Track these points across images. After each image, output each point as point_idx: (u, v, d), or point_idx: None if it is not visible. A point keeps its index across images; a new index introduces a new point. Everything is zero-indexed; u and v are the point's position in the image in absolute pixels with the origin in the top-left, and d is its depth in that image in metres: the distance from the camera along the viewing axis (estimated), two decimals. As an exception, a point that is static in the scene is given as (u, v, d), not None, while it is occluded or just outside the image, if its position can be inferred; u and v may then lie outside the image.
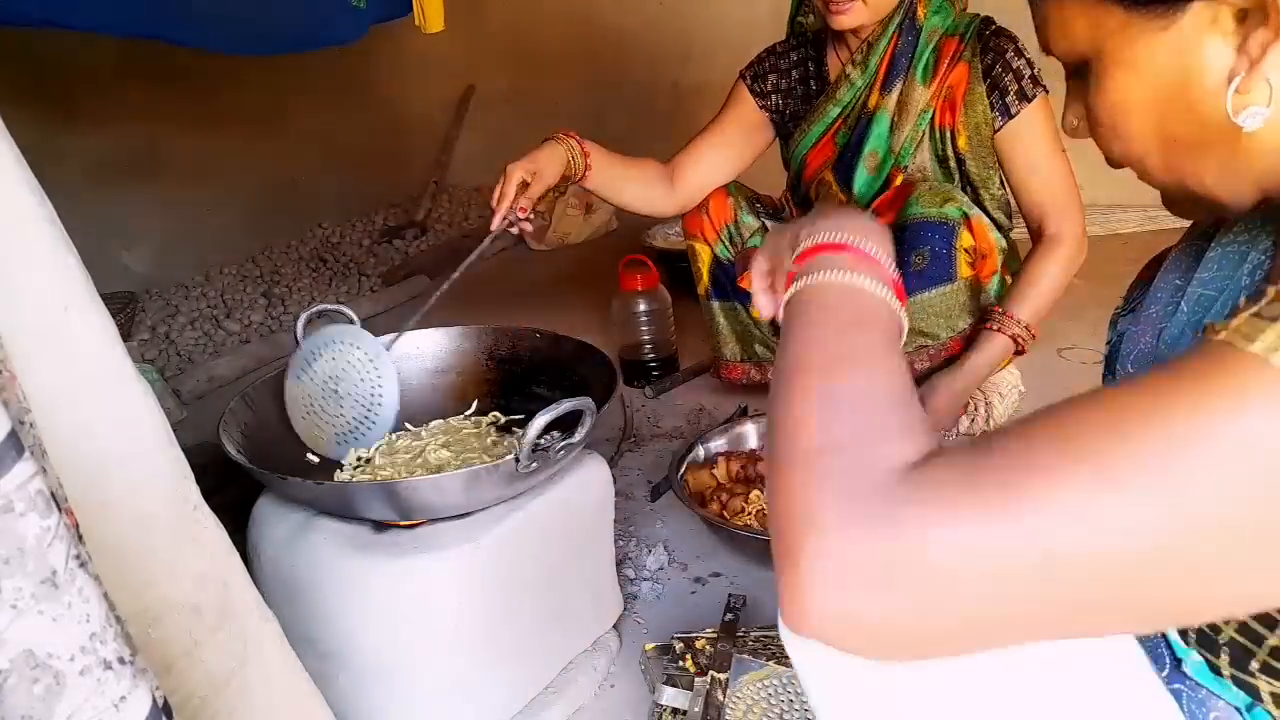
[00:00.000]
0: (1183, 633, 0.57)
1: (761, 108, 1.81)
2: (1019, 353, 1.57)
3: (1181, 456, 0.38)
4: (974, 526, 0.42)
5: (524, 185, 1.51)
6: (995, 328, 1.54)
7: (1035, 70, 1.57)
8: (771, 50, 1.82)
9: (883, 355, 0.54)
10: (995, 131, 1.59)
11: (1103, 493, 0.39)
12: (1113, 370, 0.97)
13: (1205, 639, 0.54)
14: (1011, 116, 1.57)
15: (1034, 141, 1.56)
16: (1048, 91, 1.58)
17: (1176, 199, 0.61)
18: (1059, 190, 1.56)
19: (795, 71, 1.79)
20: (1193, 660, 0.61)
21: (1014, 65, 1.56)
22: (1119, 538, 0.39)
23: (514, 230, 1.50)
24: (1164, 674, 0.62)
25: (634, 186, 1.72)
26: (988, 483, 0.43)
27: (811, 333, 0.57)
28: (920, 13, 1.63)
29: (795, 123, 1.78)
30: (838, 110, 1.71)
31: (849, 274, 0.58)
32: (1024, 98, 1.56)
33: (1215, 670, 0.55)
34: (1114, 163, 0.62)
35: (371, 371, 1.29)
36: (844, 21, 1.57)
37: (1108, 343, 0.98)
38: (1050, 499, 0.40)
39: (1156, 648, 0.63)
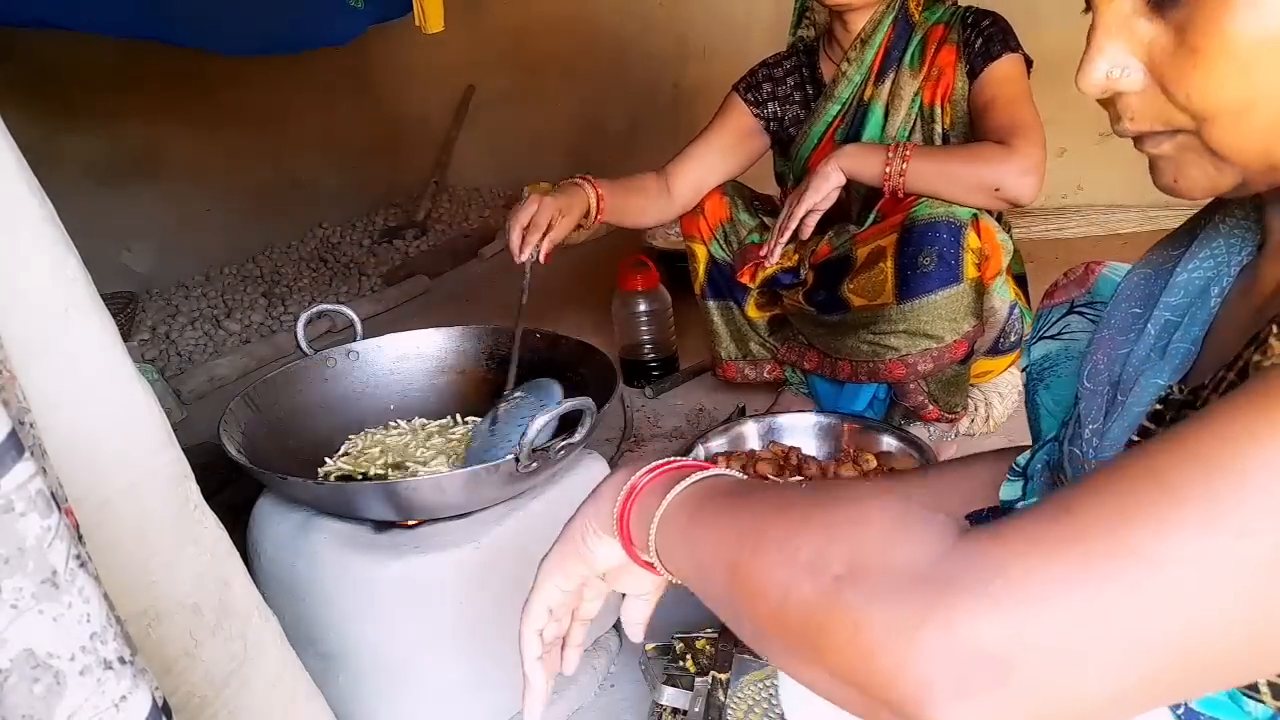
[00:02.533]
0: None
1: (756, 116, 1.83)
2: (892, 191, 1.55)
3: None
4: (1087, 593, 0.39)
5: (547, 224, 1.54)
6: (890, 148, 1.54)
7: (1009, 36, 1.58)
8: (764, 63, 1.85)
9: (793, 498, 0.51)
10: (969, 95, 1.61)
11: (1211, 526, 0.38)
12: (1033, 394, 0.97)
13: None
14: (979, 73, 1.58)
15: (1002, 86, 1.56)
16: (1023, 55, 1.59)
17: (1211, 168, 0.55)
18: (1023, 124, 1.50)
19: (790, 79, 1.82)
20: None
21: (986, 31, 1.59)
22: (1236, 570, 0.38)
23: (533, 267, 1.52)
24: (1180, 711, 0.62)
25: (636, 211, 1.77)
26: (1088, 545, 0.40)
27: (710, 522, 0.54)
28: (914, 10, 1.65)
29: (796, 127, 1.81)
30: (837, 108, 1.73)
31: (680, 483, 0.57)
32: (989, 56, 1.57)
33: (1253, 683, 0.54)
34: (1150, 121, 0.55)
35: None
36: None
37: (1022, 369, 0.99)
38: (1153, 540, 0.38)
39: None
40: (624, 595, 0.70)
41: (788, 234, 1.66)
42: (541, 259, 1.53)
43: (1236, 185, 0.55)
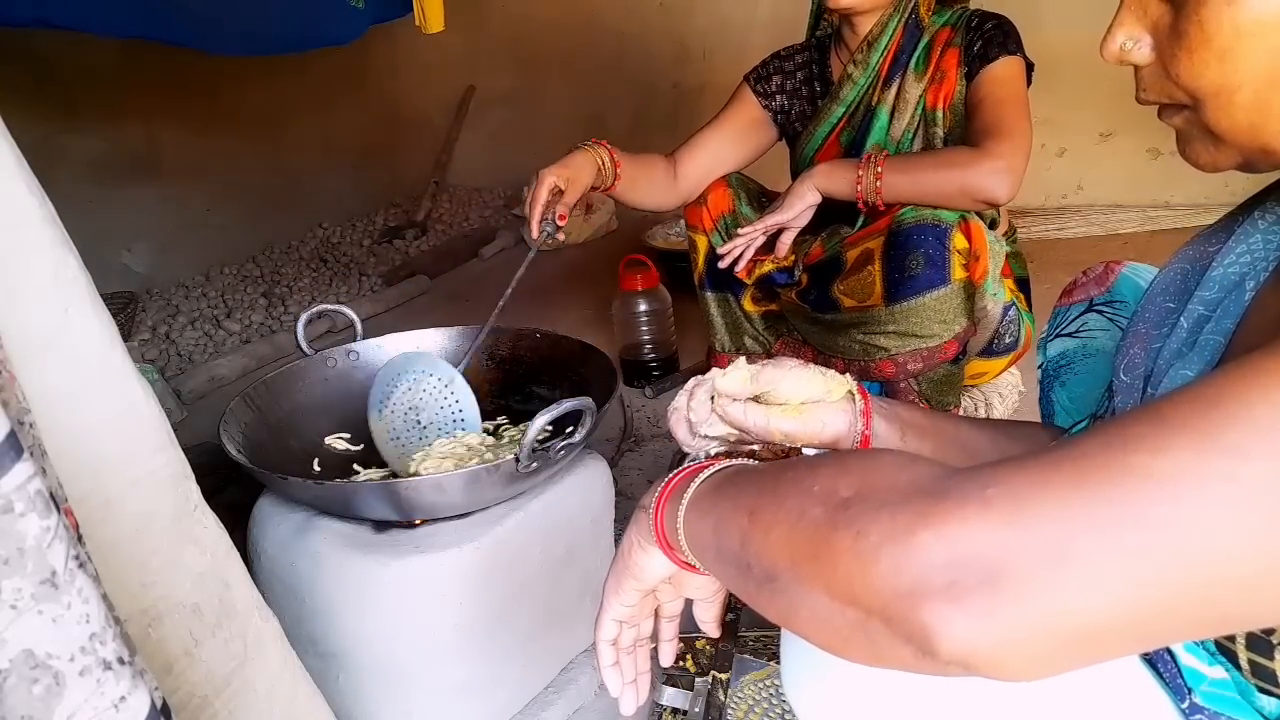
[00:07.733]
0: (1229, 638, 0.55)
1: (765, 108, 1.83)
2: (869, 204, 1.56)
3: None
4: (1080, 503, 0.38)
5: (557, 191, 1.51)
6: (861, 163, 1.55)
7: (1008, 39, 1.57)
8: (777, 55, 1.85)
9: (808, 458, 0.52)
10: (965, 98, 1.60)
11: (1203, 444, 0.38)
12: (1048, 392, 0.97)
13: (1258, 642, 0.54)
14: (976, 74, 1.58)
15: (991, 88, 1.55)
16: (1022, 59, 1.58)
17: (1210, 146, 0.57)
18: (1003, 125, 1.49)
19: (800, 73, 1.82)
20: (1204, 690, 0.60)
21: (987, 34, 1.58)
22: (1230, 488, 0.37)
23: (550, 242, 1.50)
24: (1184, 705, 0.62)
25: (647, 187, 1.74)
26: (1082, 463, 0.39)
27: (730, 491, 0.55)
28: (924, 13, 1.65)
29: (803, 123, 1.81)
30: (842, 110, 1.73)
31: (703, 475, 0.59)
32: (985, 59, 1.56)
33: (1271, 676, 0.54)
34: (1156, 94, 0.57)
35: (449, 397, 1.29)
36: (839, 0, 1.59)
37: (1039, 366, 0.99)
38: (1147, 457, 0.38)
39: (1174, 679, 0.62)
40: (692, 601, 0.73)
41: (751, 248, 1.67)
42: (558, 221, 1.49)
43: (1239, 164, 0.57)
